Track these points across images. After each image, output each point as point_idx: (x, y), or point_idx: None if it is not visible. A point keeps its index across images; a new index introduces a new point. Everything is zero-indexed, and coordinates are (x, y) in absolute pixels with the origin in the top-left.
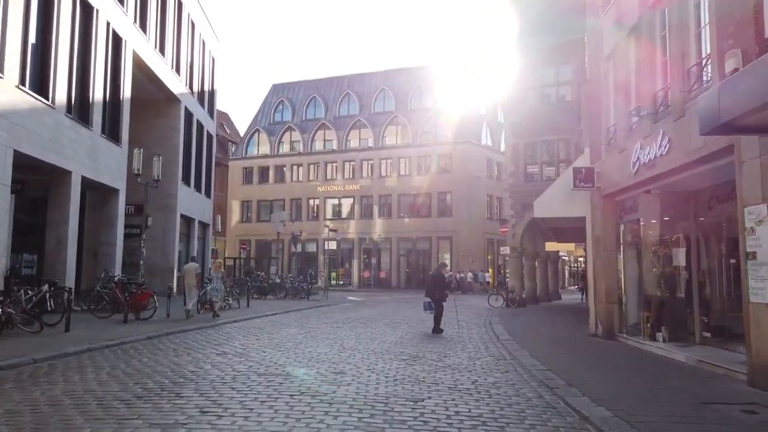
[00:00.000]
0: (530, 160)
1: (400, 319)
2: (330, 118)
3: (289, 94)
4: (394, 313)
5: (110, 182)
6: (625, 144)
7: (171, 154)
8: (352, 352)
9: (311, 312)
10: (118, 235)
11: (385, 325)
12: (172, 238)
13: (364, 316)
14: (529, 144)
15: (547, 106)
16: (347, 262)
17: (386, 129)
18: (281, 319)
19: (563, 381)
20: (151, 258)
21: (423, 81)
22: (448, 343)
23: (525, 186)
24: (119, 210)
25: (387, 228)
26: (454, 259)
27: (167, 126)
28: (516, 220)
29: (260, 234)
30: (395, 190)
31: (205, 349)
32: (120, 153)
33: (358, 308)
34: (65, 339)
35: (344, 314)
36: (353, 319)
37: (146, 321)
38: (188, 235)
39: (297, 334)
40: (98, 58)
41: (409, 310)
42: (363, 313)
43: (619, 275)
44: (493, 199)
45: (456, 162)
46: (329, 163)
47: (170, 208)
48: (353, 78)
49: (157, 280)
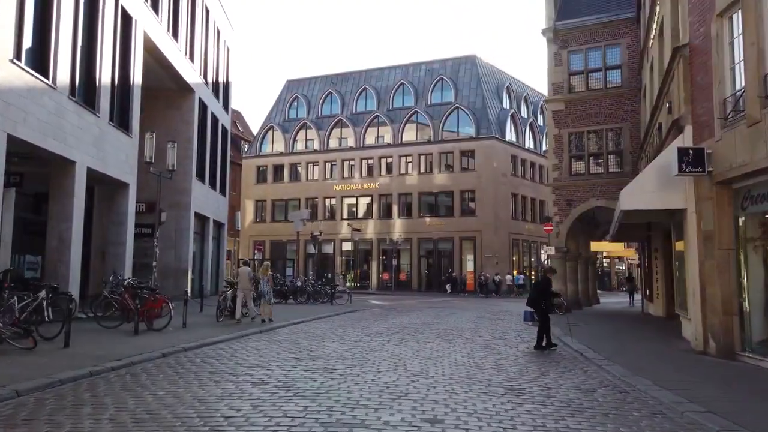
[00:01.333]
0: (576, 152)
1: (449, 329)
2: (347, 114)
3: (304, 90)
4: (435, 320)
5: (119, 175)
6: (760, 114)
7: (184, 148)
8: (427, 380)
9: (341, 319)
10: (128, 234)
11: (439, 338)
12: (186, 238)
13: (404, 324)
14: (575, 134)
15: (594, 92)
16: (365, 264)
17: (406, 125)
18: (312, 328)
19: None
20: (163, 259)
21: (444, 75)
22: (531, 365)
23: (570, 180)
24: (129, 206)
25: (407, 228)
26: (477, 261)
27: (180, 118)
28: (560, 217)
29: (275, 234)
30: (415, 188)
31: (236, 374)
32: (130, 144)
33: (390, 315)
34: (63, 358)
35: (380, 322)
36: (395, 329)
37: (160, 332)
38: (202, 235)
39: (341, 350)
40: (105, 36)
41: (451, 317)
42: (401, 321)
43: (741, 280)
44: (518, 197)
45: (480, 159)
46: (346, 161)
47: (184, 206)
48: (371, 72)
49: (170, 283)
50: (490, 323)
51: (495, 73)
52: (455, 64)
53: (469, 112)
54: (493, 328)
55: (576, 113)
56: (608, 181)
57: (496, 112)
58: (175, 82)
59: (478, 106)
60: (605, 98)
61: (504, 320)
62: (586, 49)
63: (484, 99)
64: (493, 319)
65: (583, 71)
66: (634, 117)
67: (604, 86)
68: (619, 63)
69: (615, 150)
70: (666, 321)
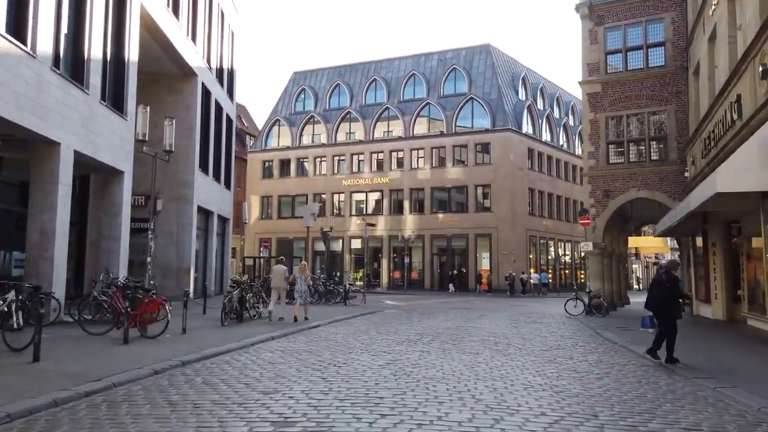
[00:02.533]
0: (614, 138)
1: (491, 335)
2: (356, 106)
3: (311, 81)
4: (468, 324)
5: (112, 161)
6: None
7: (186, 136)
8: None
9: (362, 323)
10: (123, 227)
11: (488, 348)
12: (188, 234)
13: (436, 329)
14: (613, 119)
15: (634, 72)
16: (375, 262)
17: (417, 117)
18: (331, 334)
19: None
20: (163, 257)
21: (457, 65)
22: (635, 391)
23: (607, 169)
24: (124, 196)
25: (419, 224)
26: (493, 259)
27: (181, 104)
28: (596, 210)
29: (281, 231)
30: (428, 183)
31: (248, 405)
32: (125, 127)
33: (414, 317)
34: (26, 377)
35: (407, 326)
36: (429, 336)
37: (155, 339)
38: (206, 231)
39: (377, 367)
40: (95, 3)
41: (483, 321)
42: (431, 325)
43: None
44: (535, 192)
45: (496, 152)
46: (355, 155)
47: (185, 199)
48: (380, 63)
49: (171, 283)
50: (532, 328)
51: (510, 63)
52: (469, 53)
53: (484, 103)
54: (541, 335)
55: (614, 96)
56: (650, 170)
57: (512, 103)
58: (176, 65)
59: (494, 96)
60: (647, 79)
61: (544, 323)
62: (624, 25)
63: (499, 89)
64: (531, 323)
65: (621, 50)
66: (679, 99)
67: (645, 65)
68: (663, 40)
69: (658, 135)
70: (728, 325)
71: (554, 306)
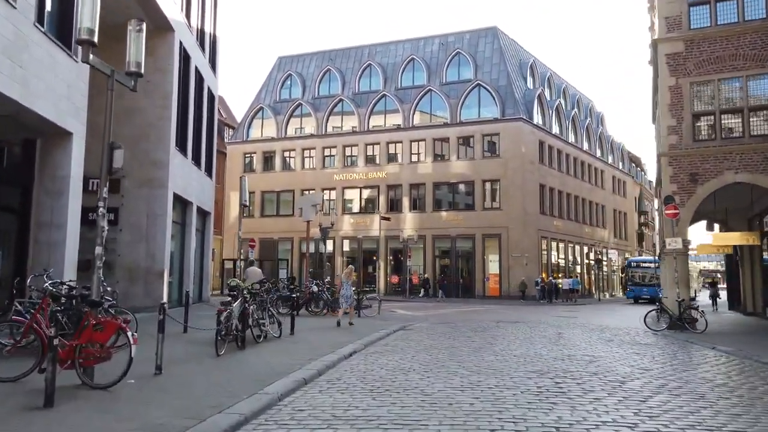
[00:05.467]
0: (702, 109)
1: (607, 371)
2: (348, 94)
3: (298, 67)
4: (553, 347)
5: (55, 117)
6: None
7: (160, 106)
8: None
9: (403, 346)
10: (70, 211)
11: (670, 405)
12: (162, 227)
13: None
14: (699, 84)
15: (727, 27)
16: (370, 265)
17: (418, 105)
18: (388, 371)
19: None
20: (130, 256)
21: (461, 49)
22: None
23: (693, 147)
24: (72, 168)
25: (420, 224)
26: (503, 262)
27: (154, 65)
28: (681, 199)
29: (265, 231)
30: (429, 178)
31: None
32: (74, 71)
33: (458, 335)
34: None
35: (476, 354)
36: (535, 372)
37: (107, 392)
38: (183, 225)
39: None
40: None
41: (566, 341)
42: (510, 351)
43: None
44: (545, 189)
45: (505, 143)
46: (348, 147)
47: (159, 183)
48: (375, 48)
49: (140, 289)
50: (630, 351)
51: (517, 50)
52: (473, 36)
53: (492, 90)
54: (659, 366)
55: (701, 56)
56: (752, 147)
57: (521, 91)
58: (148, 17)
59: (502, 83)
60: (743, 35)
61: (638, 344)
62: None
63: (508, 76)
64: (623, 344)
65: (708, 0)
66: None
67: (741, 18)
68: None
69: (761, 105)
70: None
71: (605, 316)
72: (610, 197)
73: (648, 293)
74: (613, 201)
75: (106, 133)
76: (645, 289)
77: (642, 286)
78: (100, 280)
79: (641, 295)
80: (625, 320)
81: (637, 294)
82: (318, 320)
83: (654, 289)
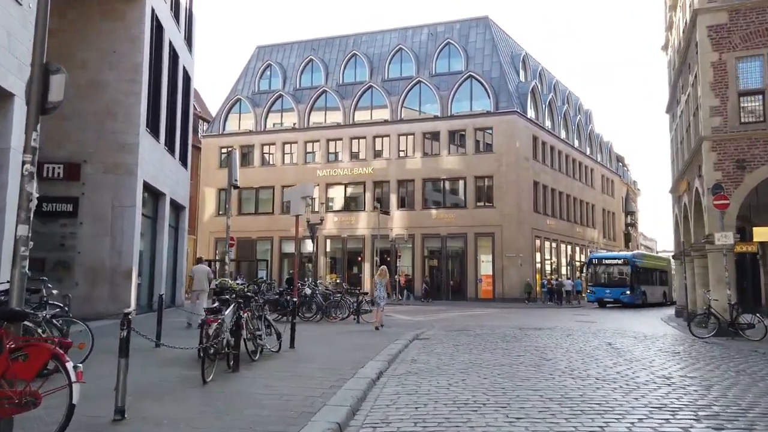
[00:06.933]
0: (750, 86)
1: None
2: (332, 85)
3: (279, 57)
4: (587, 354)
5: None
6: None
7: (129, 81)
8: None
9: (431, 364)
10: (9, 193)
11: None
12: (130, 220)
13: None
14: (747, 60)
15: None
16: (355, 266)
17: (406, 98)
18: (423, 402)
19: None
20: (92, 253)
21: (452, 39)
22: None
23: (740, 131)
24: (11, 139)
25: (408, 222)
26: (496, 262)
27: (121, 36)
28: (727, 188)
29: (242, 230)
30: (418, 174)
31: None
32: (17, 14)
33: (483, 344)
34: None
35: (542, 376)
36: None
37: None
38: (154, 219)
39: None
40: None
41: (619, 354)
42: (563, 369)
43: None
44: (539, 186)
45: (499, 138)
46: (332, 141)
47: (126, 169)
48: (360, 37)
49: (103, 292)
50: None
51: (509, 42)
52: (464, 26)
53: (485, 82)
54: None
55: (747, 28)
56: None
57: (514, 84)
58: None
59: (495, 75)
60: None
61: (689, 354)
62: None
63: (501, 67)
64: (684, 356)
65: None
66: None
67: None
68: None
69: None
70: None
71: (620, 320)
72: (599, 196)
73: (612, 295)
74: (602, 200)
75: (38, 48)
76: (608, 291)
77: (605, 286)
78: (24, 278)
79: (604, 297)
80: (646, 325)
81: (600, 296)
82: (315, 328)
83: (620, 291)
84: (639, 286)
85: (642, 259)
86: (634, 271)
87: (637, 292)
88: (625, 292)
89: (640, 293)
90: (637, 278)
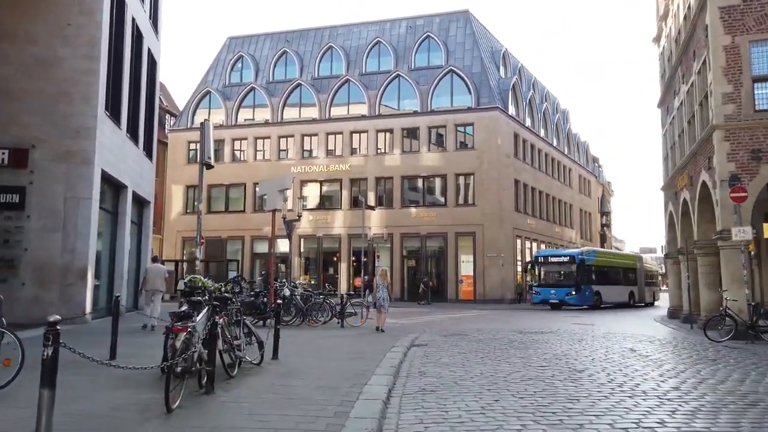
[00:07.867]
0: (764, 72)
1: None
2: (307, 78)
3: (251, 49)
4: (617, 364)
5: None
6: None
7: (85, 57)
8: None
9: (444, 378)
10: None
11: None
12: (86, 215)
13: (628, 385)
14: (761, 43)
15: None
16: (331, 267)
17: (384, 92)
18: None
19: None
20: (41, 250)
21: (431, 33)
22: None
23: (755, 119)
24: None
25: (386, 221)
26: (478, 262)
27: (77, 7)
28: (743, 179)
29: (212, 229)
30: (397, 171)
31: None
32: None
33: (490, 351)
34: None
35: (548, 377)
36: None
37: None
38: (115, 214)
39: None
40: None
41: (654, 366)
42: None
43: None
44: (520, 185)
45: (480, 135)
46: (307, 136)
47: (82, 157)
48: (336, 30)
49: (53, 295)
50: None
51: (489, 37)
52: (444, 20)
53: (466, 77)
54: None
55: (762, 9)
56: None
57: (495, 80)
58: None
59: (476, 70)
60: None
61: (717, 360)
62: None
63: (482, 62)
64: (709, 363)
65: None
66: None
67: None
68: None
69: None
70: None
71: (617, 322)
72: (576, 196)
73: (557, 296)
74: (580, 200)
75: None
76: (553, 291)
77: (550, 286)
78: None
79: (549, 298)
80: (648, 328)
81: (545, 297)
82: (296, 333)
83: (564, 291)
84: (589, 286)
85: (595, 257)
86: (581, 269)
87: (586, 292)
88: (571, 293)
89: (590, 294)
90: (587, 278)
